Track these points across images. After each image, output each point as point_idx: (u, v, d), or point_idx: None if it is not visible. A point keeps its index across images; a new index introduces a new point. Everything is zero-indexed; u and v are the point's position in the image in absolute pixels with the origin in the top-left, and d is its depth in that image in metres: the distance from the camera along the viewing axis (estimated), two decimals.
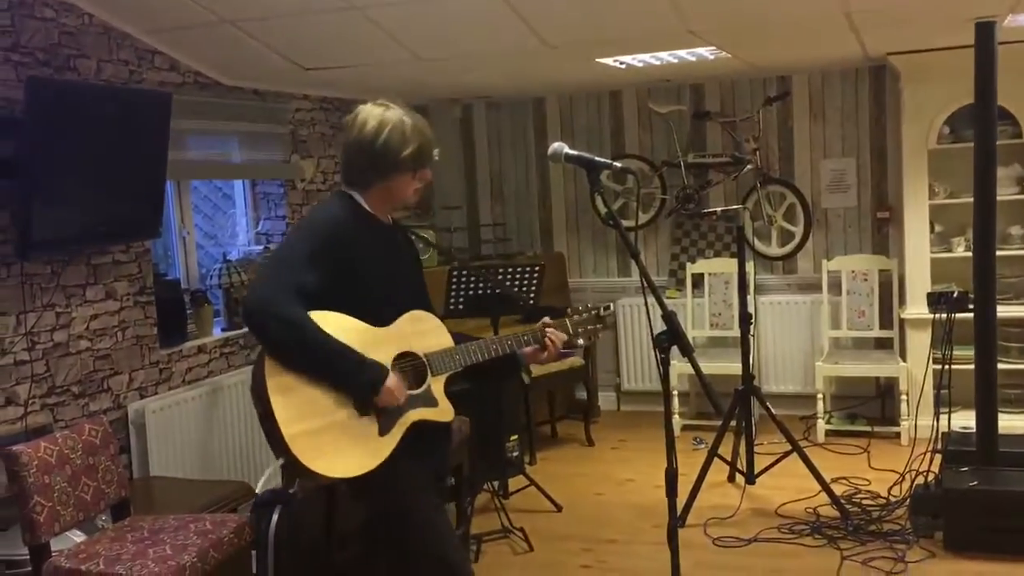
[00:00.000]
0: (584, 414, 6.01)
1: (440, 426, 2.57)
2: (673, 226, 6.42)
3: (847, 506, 4.39)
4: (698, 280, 6.20)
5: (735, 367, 4.94)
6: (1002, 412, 4.64)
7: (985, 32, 4.09)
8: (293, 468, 2.33)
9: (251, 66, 4.56)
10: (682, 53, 4.81)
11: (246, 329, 4.73)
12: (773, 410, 4.66)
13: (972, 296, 4.26)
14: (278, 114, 5.17)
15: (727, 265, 6.04)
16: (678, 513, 4.32)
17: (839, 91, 6.00)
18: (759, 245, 6.12)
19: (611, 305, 2.90)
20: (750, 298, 5.75)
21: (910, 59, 5.30)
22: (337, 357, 2.34)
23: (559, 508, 4.72)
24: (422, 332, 2.56)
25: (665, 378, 2.39)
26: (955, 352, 4.42)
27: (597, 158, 2.45)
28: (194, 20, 3.85)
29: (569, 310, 2.80)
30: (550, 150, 2.50)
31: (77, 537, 3.22)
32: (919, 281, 5.42)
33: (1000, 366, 4.58)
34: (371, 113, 2.49)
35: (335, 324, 2.37)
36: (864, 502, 4.51)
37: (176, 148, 4.23)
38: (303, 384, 2.33)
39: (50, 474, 2.97)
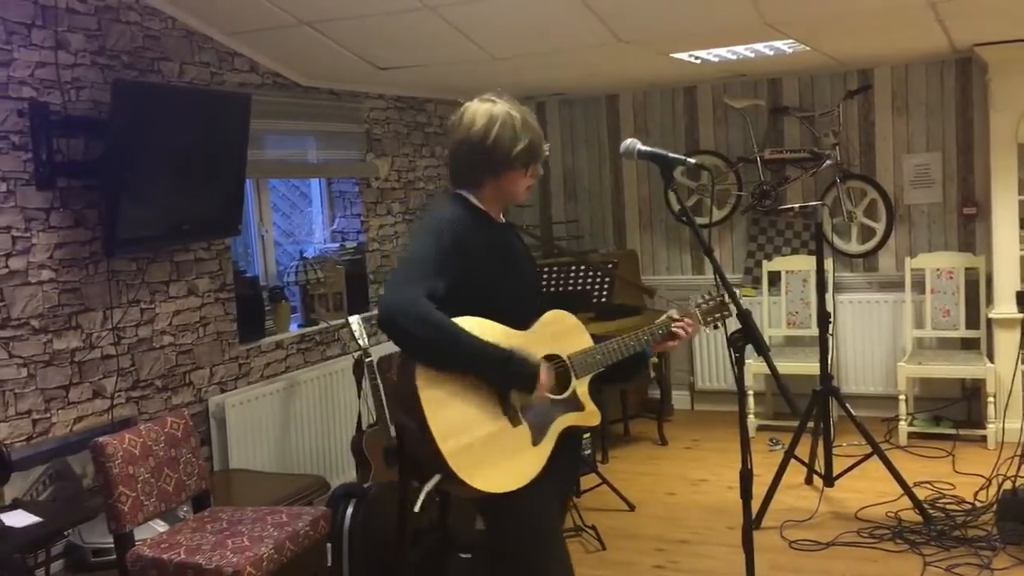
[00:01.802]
0: (657, 413, 5.95)
1: (576, 434, 2.49)
2: (749, 223, 6.31)
3: (930, 511, 4.26)
4: (774, 278, 6.09)
5: (813, 367, 4.83)
6: None
7: None
8: (451, 483, 2.23)
9: (327, 66, 4.64)
10: (759, 47, 4.73)
11: (322, 325, 4.87)
12: (853, 411, 4.55)
13: None
14: (353, 113, 5.24)
15: (805, 263, 5.92)
16: (753, 515, 4.30)
17: (923, 84, 5.82)
18: (838, 242, 5.98)
19: (737, 292, 2.81)
20: (829, 296, 5.63)
21: (998, 50, 5.11)
22: (491, 352, 2.24)
23: (631, 507, 4.68)
24: (561, 333, 2.46)
25: (740, 378, 2.36)
26: None
27: (671, 154, 2.41)
28: (273, 22, 3.93)
29: (696, 300, 2.71)
30: (623, 146, 2.46)
31: (160, 527, 3.31)
32: (1007, 279, 5.23)
33: None
34: (478, 110, 2.37)
35: (476, 329, 2.27)
36: (948, 507, 4.37)
37: (255, 148, 4.32)
38: (455, 397, 2.24)
39: (134, 465, 3.06)
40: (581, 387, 2.44)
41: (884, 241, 5.85)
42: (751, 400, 5.81)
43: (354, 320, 4.44)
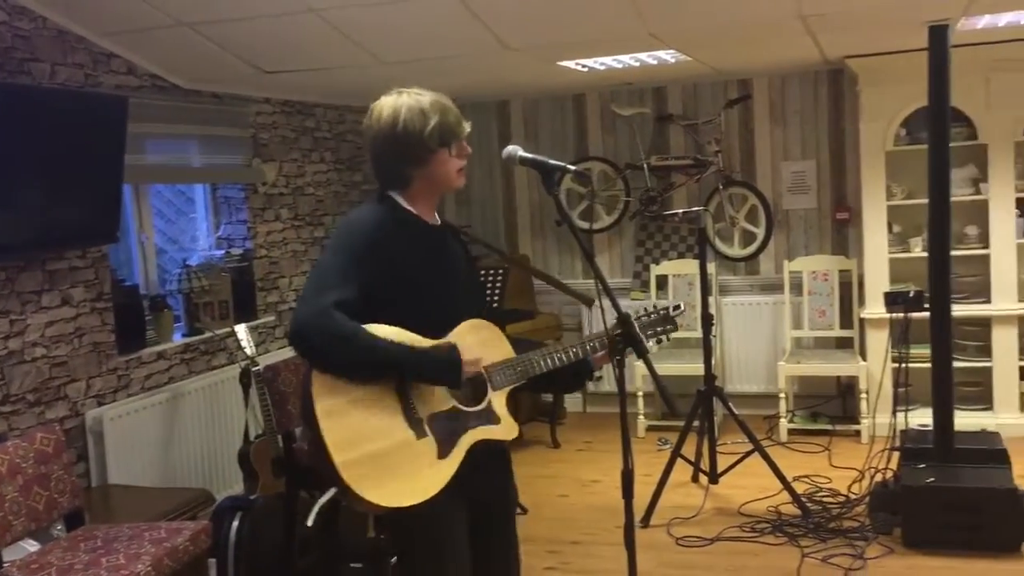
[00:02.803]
0: (550, 416, 6.02)
1: (493, 447, 2.36)
2: (637, 228, 6.45)
3: (808, 504, 4.43)
4: (662, 281, 6.24)
5: (698, 368, 4.97)
6: (958, 409, 4.70)
7: (938, 35, 4.15)
8: (346, 497, 2.13)
9: (209, 69, 4.53)
10: (643, 56, 4.85)
11: (207, 334, 4.75)
12: (736, 410, 4.71)
13: (928, 295, 4.32)
14: (238, 117, 5.13)
15: (690, 266, 6.08)
16: (642, 514, 4.40)
17: (798, 94, 6.07)
18: (722, 246, 6.17)
19: (681, 304, 2.78)
20: (712, 299, 5.81)
21: (867, 62, 5.37)
22: (404, 351, 2.17)
23: (524, 510, 4.71)
24: (481, 342, 2.34)
25: (621, 379, 2.38)
26: (913, 351, 4.49)
27: (551, 161, 2.42)
28: (150, 23, 3.81)
29: (636, 313, 2.60)
30: (505, 152, 2.47)
31: (31, 547, 3.17)
32: (878, 281, 5.49)
33: (956, 364, 4.67)
34: (384, 104, 2.32)
35: (386, 336, 2.19)
36: (825, 500, 4.56)
37: (134, 152, 4.19)
38: (355, 407, 2.14)
39: (1, 484, 2.92)
40: (498, 399, 2.35)
41: (764, 245, 6.07)
42: (640, 402, 5.93)
43: (241, 329, 4.35)
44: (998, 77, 5.22)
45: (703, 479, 4.84)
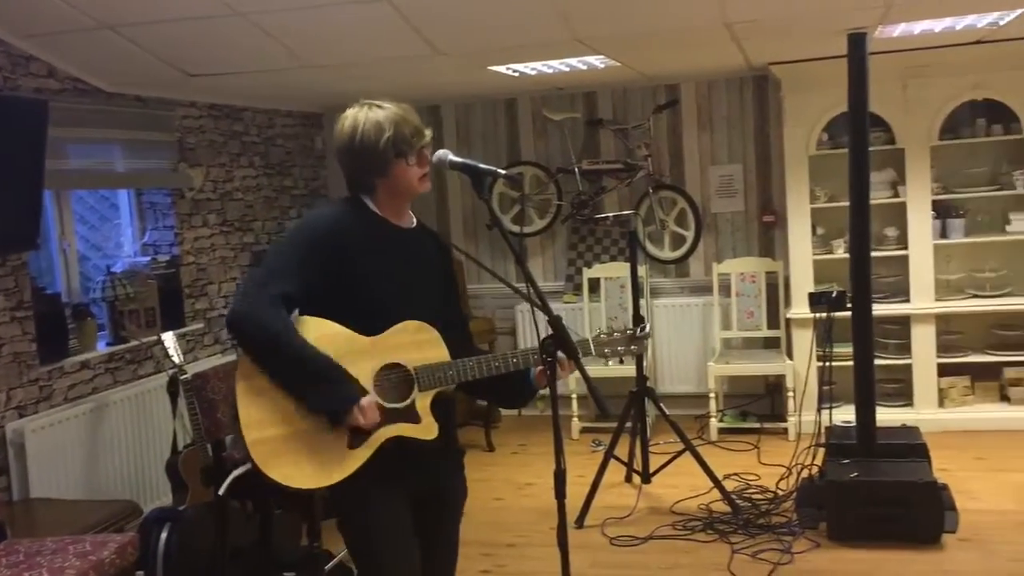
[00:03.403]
0: (484, 420, 6.02)
1: (422, 445, 2.40)
2: (569, 231, 6.51)
3: (738, 501, 4.52)
4: (595, 284, 6.30)
5: (630, 369, 5.03)
6: (880, 406, 4.87)
7: (856, 43, 4.28)
8: (255, 473, 2.27)
9: (133, 72, 4.44)
10: (573, 61, 4.90)
11: (133, 343, 4.65)
12: (668, 410, 4.78)
13: (850, 295, 4.44)
14: (163, 121, 5.04)
15: (622, 269, 6.15)
16: (576, 515, 4.44)
17: (725, 99, 6.19)
18: (652, 249, 6.26)
19: (647, 325, 2.78)
20: (644, 301, 5.89)
21: (790, 68, 5.51)
22: (312, 372, 2.24)
23: None
24: (417, 343, 2.39)
25: (552, 381, 2.42)
26: (836, 349, 4.62)
27: (481, 165, 2.45)
28: (71, 25, 3.72)
29: (599, 333, 2.64)
30: (434, 157, 2.48)
31: None
32: (803, 282, 5.63)
33: (877, 362, 4.82)
34: (347, 117, 2.40)
35: (316, 330, 2.28)
36: (754, 497, 4.65)
37: (55, 157, 4.09)
38: (275, 390, 2.26)
39: None
40: (423, 400, 2.39)
41: (693, 248, 6.17)
42: (574, 404, 5.98)
43: (168, 336, 4.28)
44: (914, 83, 5.41)
45: (636, 479, 4.90)
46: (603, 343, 2.62)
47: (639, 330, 2.65)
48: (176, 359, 4.15)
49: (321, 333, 2.29)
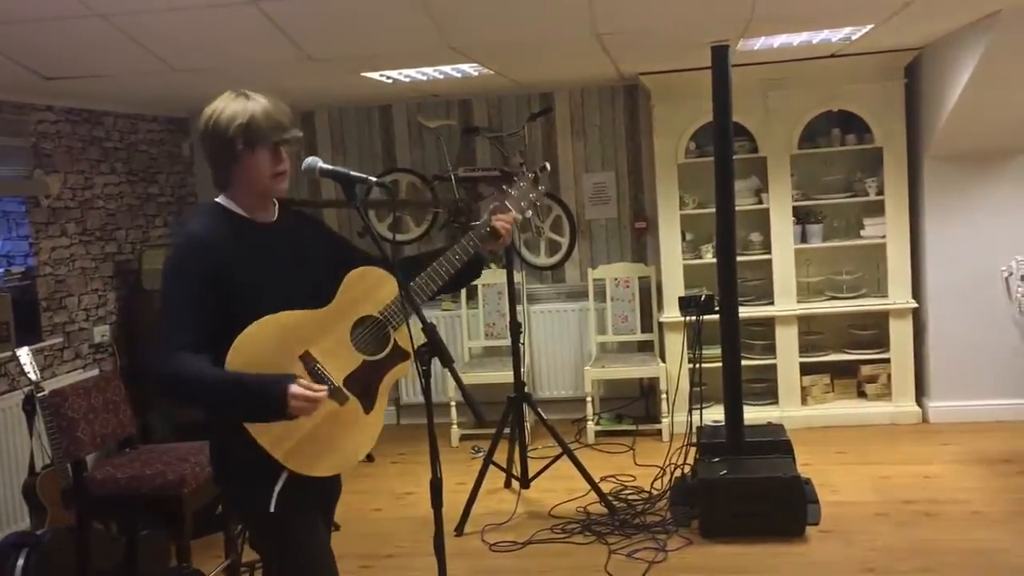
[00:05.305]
0: None
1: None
2: (447, 239, 6.50)
3: (614, 502, 4.61)
4: (472, 291, 6.31)
5: (508, 375, 5.06)
6: (748, 405, 5.05)
7: (720, 55, 4.44)
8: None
9: None
10: (447, 69, 4.90)
11: None
12: (546, 415, 4.83)
13: (718, 299, 4.59)
14: (16, 126, 4.78)
15: (499, 275, 6.18)
16: (456, 522, 4.43)
17: (597, 108, 6.32)
18: (528, 256, 6.32)
19: (547, 165, 2.80)
20: (521, 307, 5.94)
21: (658, 79, 5.67)
22: (238, 399, 2.22)
23: (336, 527, 4.63)
24: (368, 290, 2.43)
25: (427, 389, 2.40)
26: (706, 351, 4.77)
27: (352, 172, 2.41)
28: None
29: (506, 188, 2.72)
30: (304, 164, 2.43)
31: None
32: (674, 286, 5.80)
33: (744, 363, 5.00)
34: (208, 106, 2.37)
35: (274, 327, 2.26)
36: (630, 497, 4.75)
37: None
38: None
39: None
40: (402, 335, 2.45)
41: (569, 254, 6.25)
42: (453, 411, 5.97)
43: (23, 352, 4.05)
44: (774, 95, 5.65)
45: (515, 484, 4.93)
46: (516, 199, 2.72)
47: (539, 170, 2.74)
48: (32, 375, 3.94)
49: (279, 325, 2.27)
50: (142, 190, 5.89)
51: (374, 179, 2.48)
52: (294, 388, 2.18)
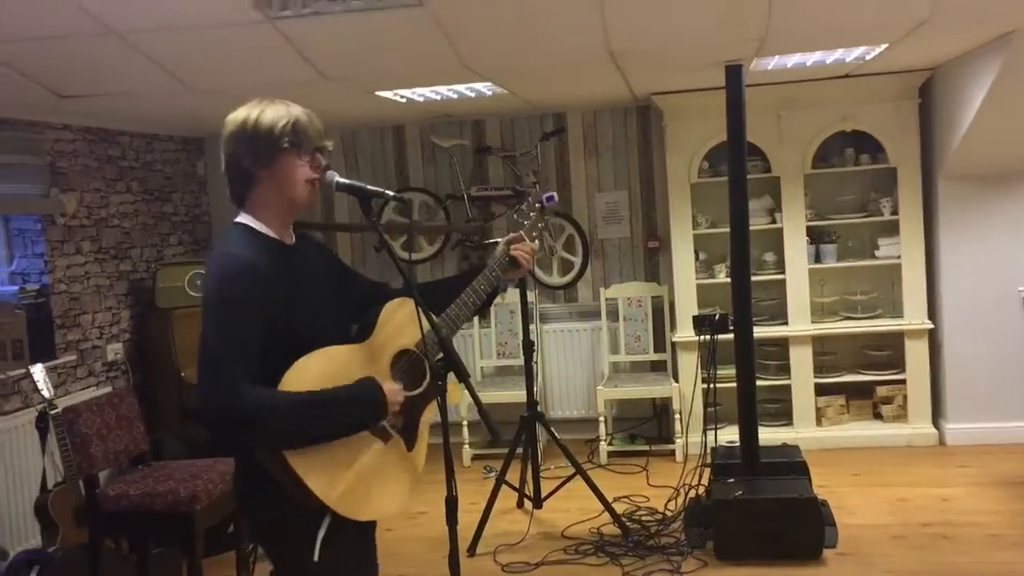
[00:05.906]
0: None
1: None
2: (459, 258, 6.50)
3: (627, 523, 4.57)
4: (485, 310, 6.29)
5: (521, 394, 5.04)
6: (762, 425, 5.01)
7: (733, 74, 4.43)
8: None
9: None
10: (461, 88, 4.91)
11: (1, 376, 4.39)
12: (559, 435, 4.80)
13: (732, 318, 4.57)
14: (33, 144, 4.81)
15: (512, 295, 6.16)
16: (469, 542, 4.40)
17: (610, 128, 6.32)
18: (541, 275, 6.31)
19: (554, 195, 2.81)
20: (534, 326, 5.92)
21: (671, 99, 5.68)
22: (333, 410, 2.13)
23: None
24: (402, 324, 2.36)
25: (443, 405, 2.40)
26: (720, 371, 4.74)
27: (369, 187, 2.41)
28: None
29: (516, 215, 2.73)
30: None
31: None
32: (687, 306, 5.77)
33: (759, 383, 4.96)
34: (235, 112, 2.28)
35: (325, 360, 2.16)
36: (643, 518, 4.71)
37: None
38: (317, 447, 2.12)
39: None
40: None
41: (581, 273, 6.25)
42: (465, 431, 5.95)
43: (37, 369, 4.06)
44: (788, 115, 5.64)
45: (528, 504, 4.90)
46: (529, 229, 2.70)
47: (546, 200, 2.71)
48: (46, 393, 3.94)
49: (328, 362, 2.17)
50: (157, 209, 5.92)
51: (391, 193, 2.48)
52: (388, 385, 2.22)
